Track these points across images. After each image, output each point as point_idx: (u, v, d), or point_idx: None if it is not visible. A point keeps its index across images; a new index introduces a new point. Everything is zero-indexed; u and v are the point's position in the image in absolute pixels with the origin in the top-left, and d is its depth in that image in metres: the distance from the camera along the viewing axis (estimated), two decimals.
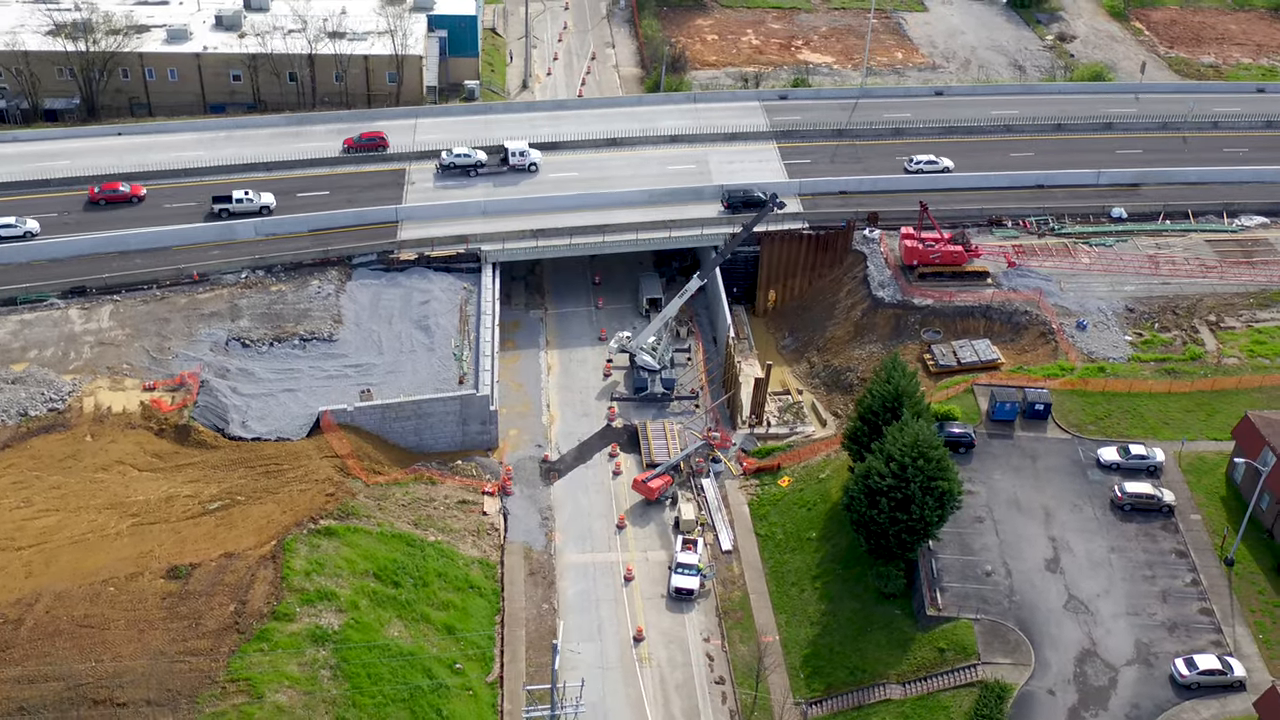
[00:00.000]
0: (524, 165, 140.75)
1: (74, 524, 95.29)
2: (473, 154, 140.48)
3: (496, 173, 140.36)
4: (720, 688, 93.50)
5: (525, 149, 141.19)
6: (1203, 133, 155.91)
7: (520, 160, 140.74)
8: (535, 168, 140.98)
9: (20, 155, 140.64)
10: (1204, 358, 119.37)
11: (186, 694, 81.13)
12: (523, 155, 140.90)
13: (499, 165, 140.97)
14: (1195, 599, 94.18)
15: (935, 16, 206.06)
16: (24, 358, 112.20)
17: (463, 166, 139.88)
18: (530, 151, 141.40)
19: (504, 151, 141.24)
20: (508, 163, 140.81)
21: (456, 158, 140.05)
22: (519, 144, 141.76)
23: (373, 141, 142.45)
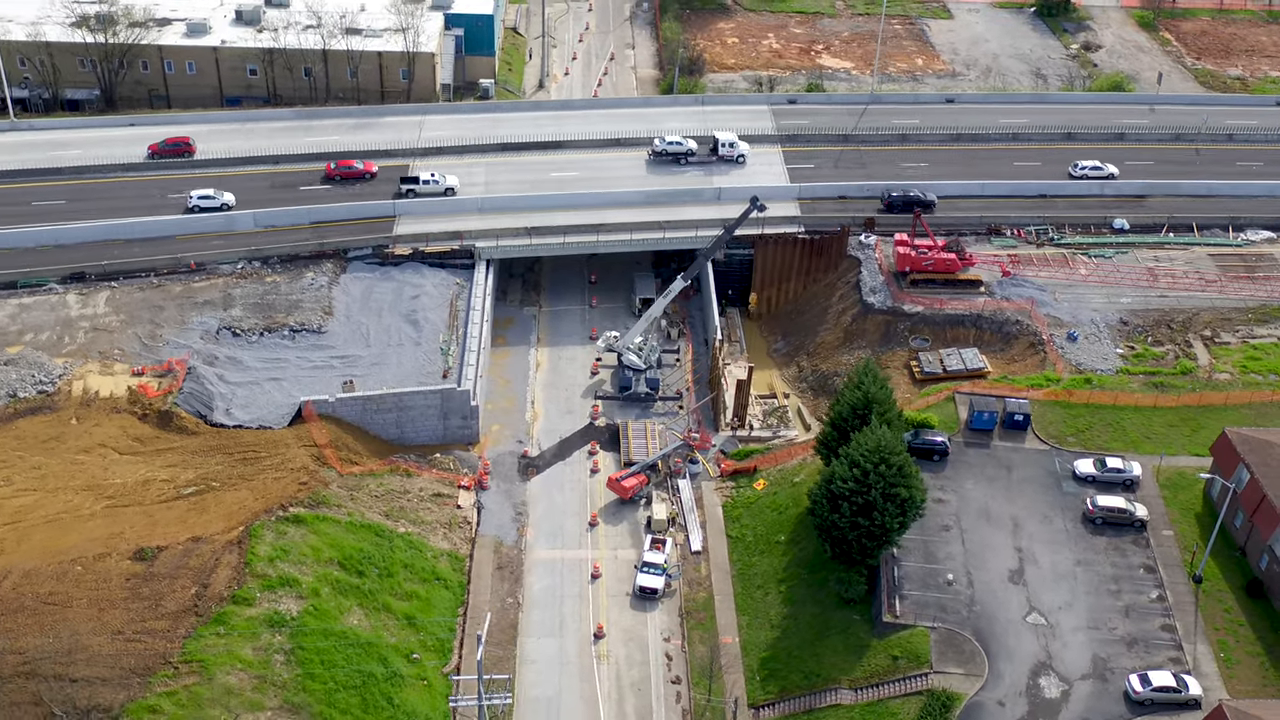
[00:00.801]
0: (732, 156, 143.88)
1: (50, 504, 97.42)
2: (684, 142, 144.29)
3: (705, 162, 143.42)
4: (676, 687, 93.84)
5: (734, 140, 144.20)
6: (1217, 145, 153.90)
7: (729, 151, 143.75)
8: (743, 159, 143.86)
9: (34, 144, 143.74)
10: (1195, 372, 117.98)
11: (140, 672, 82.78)
12: (732, 147, 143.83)
13: (709, 155, 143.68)
14: (1159, 615, 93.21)
15: (960, 24, 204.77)
16: (19, 340, 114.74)
17: (674, 154, 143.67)
18: (739, 144, 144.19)
19: (714, 142, 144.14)
20: (717, 153, 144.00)
21: (669, 145, 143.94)
22: (728, 135, 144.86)
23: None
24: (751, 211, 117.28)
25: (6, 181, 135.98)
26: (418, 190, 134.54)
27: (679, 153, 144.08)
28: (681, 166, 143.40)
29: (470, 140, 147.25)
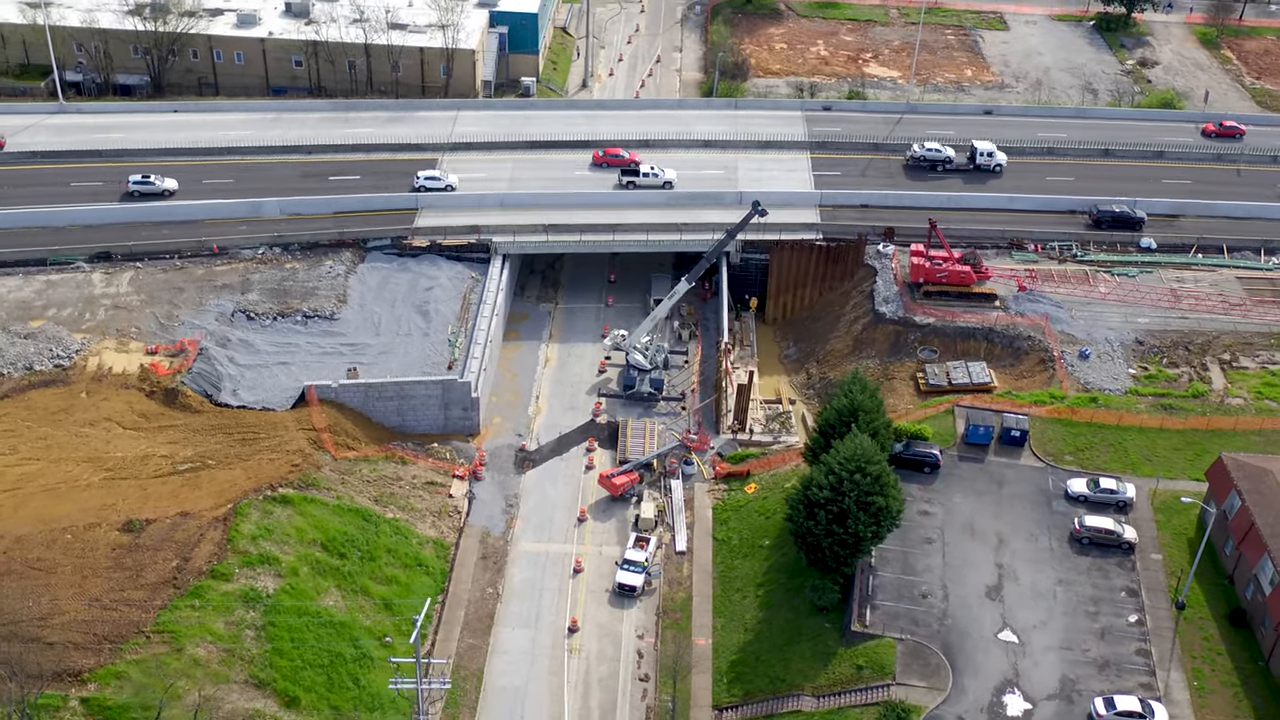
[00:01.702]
0: (990, 166, 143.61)
1: (51, 473, 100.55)
2: (942, 149, 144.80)
3: (963, 170, 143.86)
4: (643, 685, 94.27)
5: (993, 150, 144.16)
6: (1259, 167, 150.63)
7: (987, 161, 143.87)
8: (1000, 169, 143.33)
9: (80, 126, 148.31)
10: (1207, 396, 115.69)
11: (112, 640, 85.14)
12: (990, 156, 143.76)
13: (966, 163, 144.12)
14: (1135, 639, 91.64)
15: (1015, 36, 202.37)
16: (43, 315, 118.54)
17: (931, 161, 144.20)
18: (997, 153, 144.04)
19: (972, 151, 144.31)
20: (974, 162, 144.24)
21: (927, 151, 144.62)
22: (987, 145, 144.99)
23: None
24: (753, 216, 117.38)
25: (50, 162, 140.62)
26: (637, 182, 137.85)
27: (936, 160, 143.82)
28: (938, 174, 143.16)
29: (500, 137, 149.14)
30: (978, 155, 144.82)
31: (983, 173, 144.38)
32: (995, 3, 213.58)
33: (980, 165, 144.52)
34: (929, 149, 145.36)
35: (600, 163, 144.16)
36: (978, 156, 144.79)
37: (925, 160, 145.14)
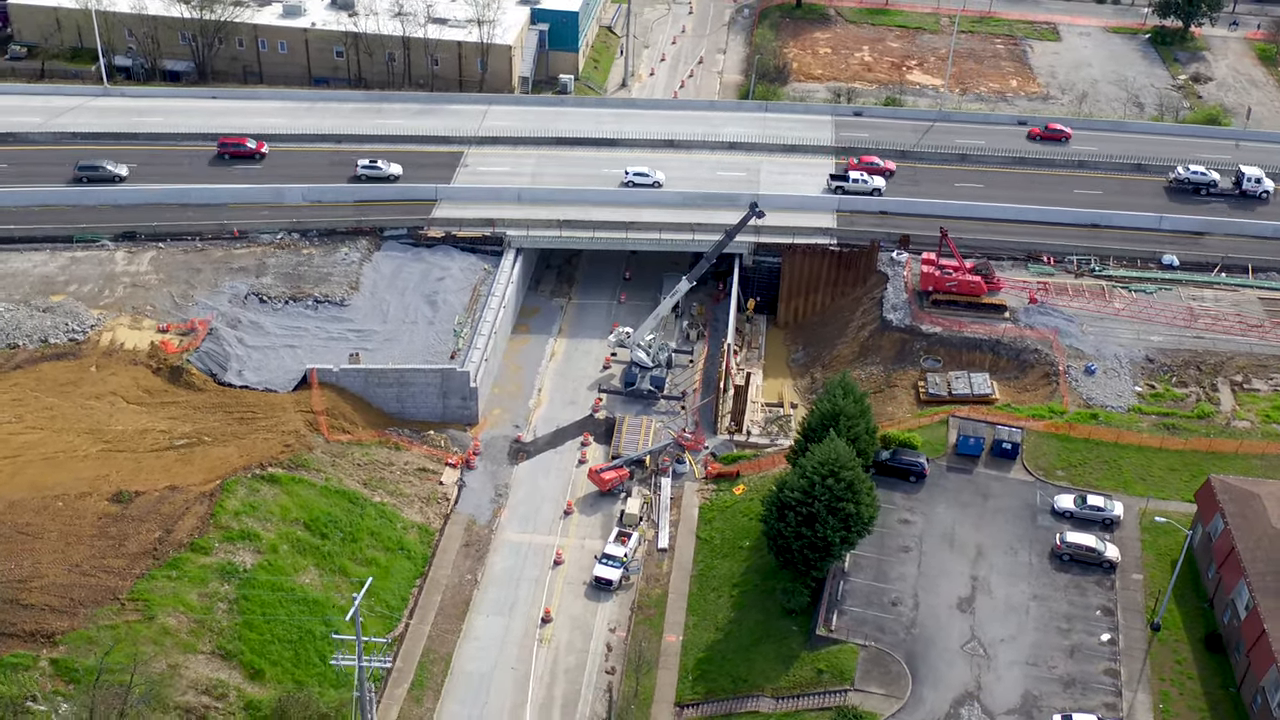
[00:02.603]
0: (1256, 192, 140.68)
1: (52, 443, 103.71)
2: (1207, 174, 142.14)
3: (1228, 195, 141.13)
4: (609, 677, 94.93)
5: (1261, 176, 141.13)
6: None
7: (1254, 187, 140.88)
8: (1268, 195, 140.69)
9: (122, 109, 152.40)
10: (1213, 417, 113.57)
11: (87, 605, 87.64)
12: (1258, 182, 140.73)
13: (1232, 188, 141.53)
14: (1104, 658, 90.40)
15: (1066, 47, 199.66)
16: (64, 290, 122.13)
17: (1196, 184, 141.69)
18: (1265, 180, 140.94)
19: (1238, 175, 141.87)
20: (1240, 187, 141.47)
21: (1191, 174, 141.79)
22: (1255, 170, 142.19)
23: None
24: (750, 218, 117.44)
25: (87, 143, 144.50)
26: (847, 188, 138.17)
27: (1201, 183, 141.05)
28: (1202, 198, 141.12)
29: (527, 132, 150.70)
30: (1244, 180, 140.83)
31: (1249, 199, 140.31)
32: (1049, 13, 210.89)
33: (1247, 191, 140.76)
34: (1194, 171, 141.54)
35: None
36: (1244, 182, 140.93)
37: (1189, 183, 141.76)
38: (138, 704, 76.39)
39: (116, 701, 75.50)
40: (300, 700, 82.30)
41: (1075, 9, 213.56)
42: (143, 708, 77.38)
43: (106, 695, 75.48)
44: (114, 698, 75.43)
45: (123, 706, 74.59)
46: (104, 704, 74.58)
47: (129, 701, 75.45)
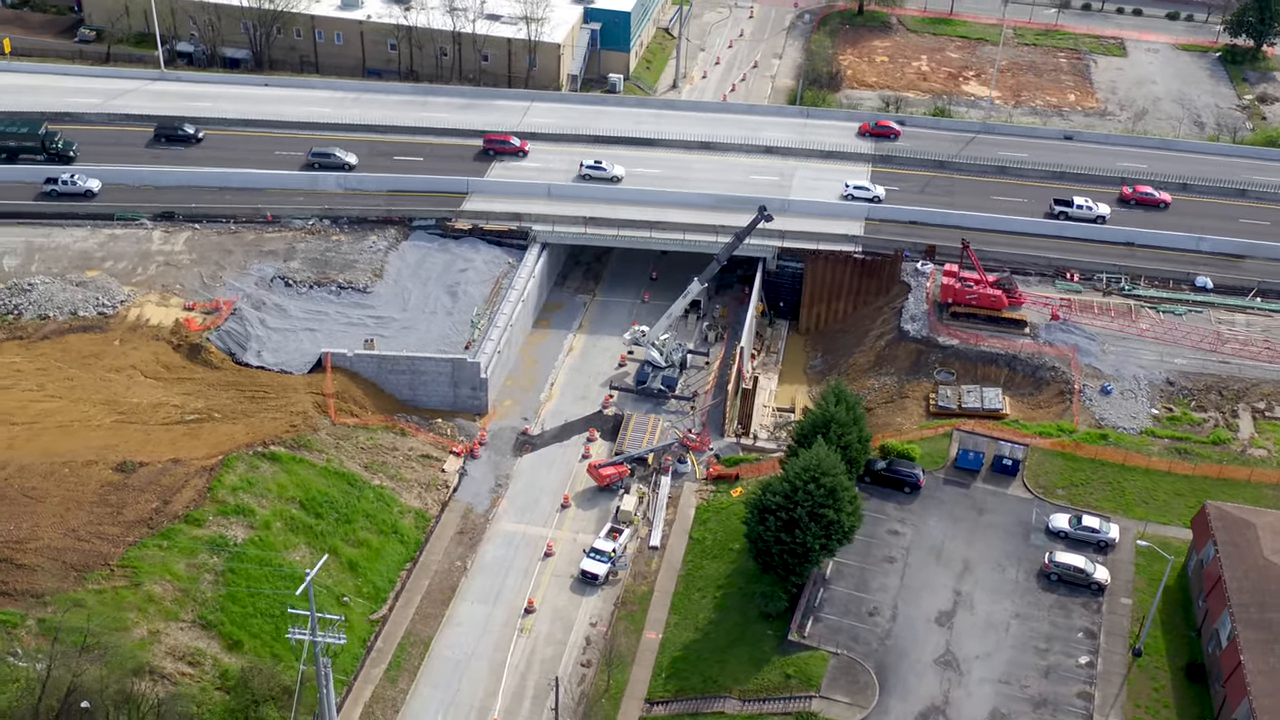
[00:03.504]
0: None
1: (68, 412, 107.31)
2: None
3: None
4: (584, 670, 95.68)
5: None
6: None
7: None
8: None
9: (176, 93, 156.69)
10: (1229, 444, 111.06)
11: (78, 569, 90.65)
12: None
13: None
14: (1080, 681, 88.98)
15: (1131, 63, 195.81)
16: (100, 266, 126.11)
17: None
18: None
19: None
20: None
21: None
22: None
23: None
24: (759, 221, 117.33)
25: (138, 124, 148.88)
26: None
27: None
28: None
29: (567, 129, 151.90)
30: None
31: None
32: (1119, 29, 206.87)
33: None
34: None
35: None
36: None
37: None
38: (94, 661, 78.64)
39: (79, 662, 77.86)
40: (265, 672, 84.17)
41: (1146, 25, 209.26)
42: (109, 668, 79.70)
43: (66, 652, 77.89)
44: (68, 656, 77.77)
45: (77, 665, 76.83)
46: (62, 662, 76.98)
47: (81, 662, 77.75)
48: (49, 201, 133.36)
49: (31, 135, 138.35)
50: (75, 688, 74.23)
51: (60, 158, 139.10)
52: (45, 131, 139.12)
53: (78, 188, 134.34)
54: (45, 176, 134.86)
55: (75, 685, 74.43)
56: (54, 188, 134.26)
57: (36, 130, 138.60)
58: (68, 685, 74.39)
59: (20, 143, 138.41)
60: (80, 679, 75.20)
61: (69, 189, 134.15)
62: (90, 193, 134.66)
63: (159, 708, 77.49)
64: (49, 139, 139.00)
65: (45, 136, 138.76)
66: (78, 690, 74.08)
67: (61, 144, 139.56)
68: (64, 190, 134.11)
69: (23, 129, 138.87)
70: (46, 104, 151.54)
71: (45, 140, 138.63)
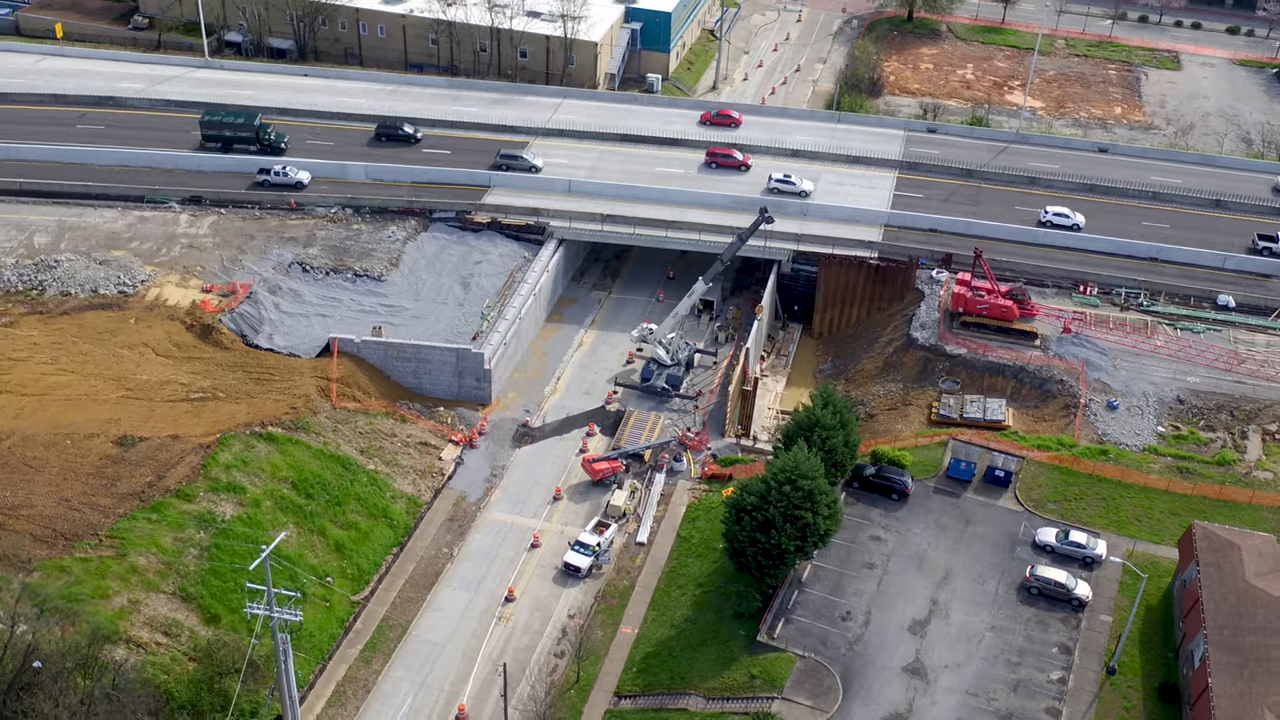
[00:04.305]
0: None
1: (77, 385, 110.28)
2: None
3: None
4: (557, 661, 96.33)
5: None
6: None
7: None
8: None
9: (217, 81, 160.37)
10: (1233, 465, 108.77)
11: (67, 537, 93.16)
12: None
13: None
14: (1049, 697, 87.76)
15: (1185, 77, 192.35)
16: (126, 246, 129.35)
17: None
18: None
19: None
20: None
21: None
22: None
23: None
24: (760, 223, 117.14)
25: (176, 110, 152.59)
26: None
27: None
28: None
29: (595, 127, 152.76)
30: None
31: None
32: (1174, 42, 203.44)
33: None
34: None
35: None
36: None
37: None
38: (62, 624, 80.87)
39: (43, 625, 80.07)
40: (230, 645, 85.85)
41: (1204, 38, 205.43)
42: (79, 634, 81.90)
43: (29, 615, 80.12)
44: (33, 620, 79.96)
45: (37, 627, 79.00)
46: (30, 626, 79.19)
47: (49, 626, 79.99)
48: (261, 191, 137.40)
49: (246, 126, 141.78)
50: (34, 649, 76.26)
51: (271, 149, 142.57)
52: (259, 124, 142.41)
53: (289, 179, 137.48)
54: (258, 167, 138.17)
55: (34, 647, 76.45)
56: (266, 178, 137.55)
57: (251, 122, 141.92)
58: (28, 647, 76.46)
59: (235, 133, 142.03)
60: (37, 641, 77.26)
61: (280, 180, 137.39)
62: (300, 184, 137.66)
63: (115, 671, 79.32)
64: (262, 131, 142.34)
65: (259, 129, 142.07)
66: (35, 652, 76.13)
67: (274, 136, 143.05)
68: (275, 181, 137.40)
69: (238, 120, 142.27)
70: (94, 88, 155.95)
71: (259, 132, 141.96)
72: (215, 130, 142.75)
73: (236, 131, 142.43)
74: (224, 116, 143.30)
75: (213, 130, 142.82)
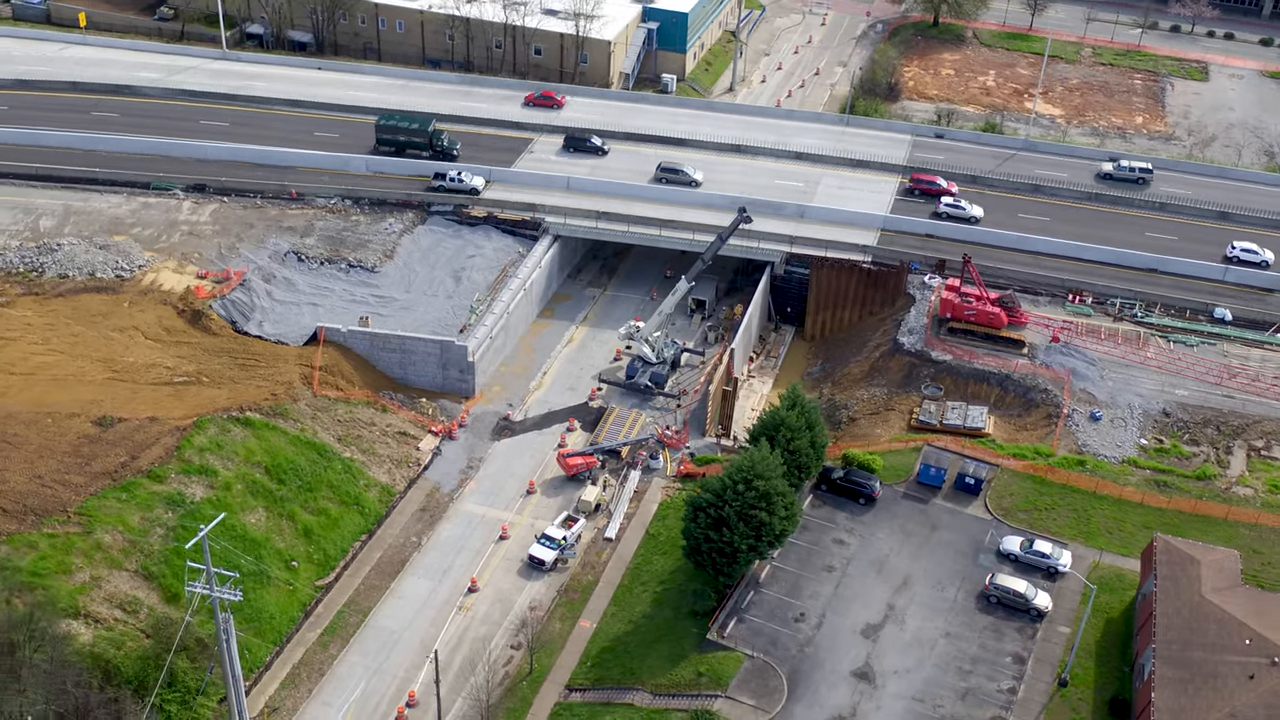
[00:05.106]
0: None
1: (65, 366, 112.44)
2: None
3: None
4: (513, 652, 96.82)
5: None
6: None
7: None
8: None
9: (233, 72, 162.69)
10: (1214, 480, 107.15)
11: (37, 513, 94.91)
12: None
13: None
14: (997, 706, 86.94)
15: (1212, 88, 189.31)
16: (128, 231, 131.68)
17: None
18: None
19: None
20: None
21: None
22: None
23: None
24: (739, 222, 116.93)
25: (191, 100, 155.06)
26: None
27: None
28: None
29: (600, 125, 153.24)
30: None
31: None
32: (1204, 52, 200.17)
33: None
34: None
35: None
36: None
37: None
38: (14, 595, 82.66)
39: None
40: (180, 623, 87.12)
41: (1235, 49, 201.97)
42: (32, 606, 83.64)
43: None
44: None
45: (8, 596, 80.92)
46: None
47: None
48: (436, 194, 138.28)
49: (421, 132, 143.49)
50: None
51: (444, 155, 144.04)
52: (433, 130, 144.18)
53: (464, 184, 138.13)
54: (434, 172, 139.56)
55: None
56: (441, 183, 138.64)
57: (426, 128, 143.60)
58: None
59: (410, 138, 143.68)
60: None
61: (455, 185, 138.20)
62: (475, 190, 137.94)
63: (54, 644, 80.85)
64: (436, 137, 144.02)
65: (433, 134, 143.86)
66: None
67: (446, 142, 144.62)
68: (450, 186, 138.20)
69: (413, 125, 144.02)
70: (113, 76, 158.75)
71: (432, 138, 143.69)
72: (390, 134, 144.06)
73: (411, 137, 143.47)
74: (399, 121, 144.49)
75: (387, 134, 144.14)
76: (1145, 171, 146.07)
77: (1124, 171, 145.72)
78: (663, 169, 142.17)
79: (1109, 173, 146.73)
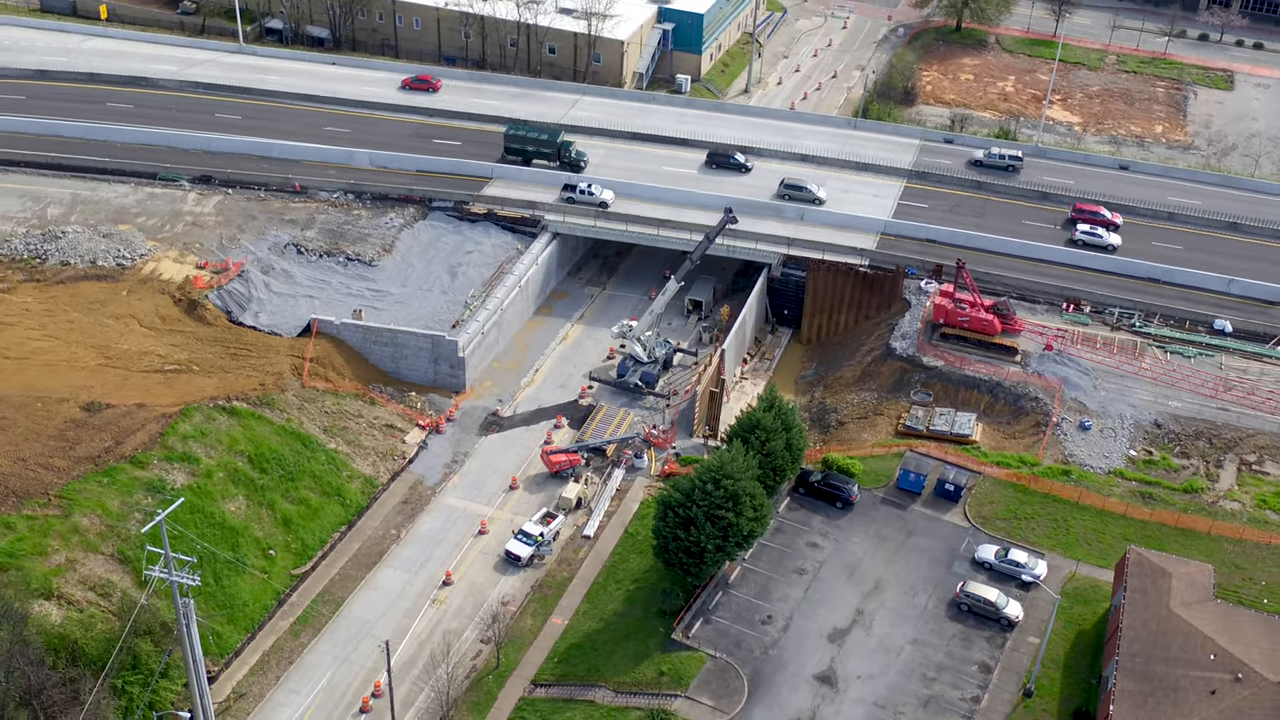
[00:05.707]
0: None
1: (60, 351, 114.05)
2: None
3: None
4: (482, 646, 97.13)
5: None
6: None
7: None
8: None
9: (248, 66, 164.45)
10: (1201, 493, 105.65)
11: (18, 494, 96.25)
12: None
13: None
14: (959, 715, 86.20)
15: (1236, 97, 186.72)
16: (132, 221, 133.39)
17: None
18: None
19: None
20: None
21: None
22: None
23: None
24: (726, 223, 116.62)
25: (205, 93, 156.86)
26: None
27: None
28: None
29: (608, 125, 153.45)
30: None
31: None
32: (1231, 61, 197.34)
33: None
34: None
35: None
36: None
37: None
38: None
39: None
40: (145, 607, 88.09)
41: (1263, 59, 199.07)
42: None
43: None
44: None
45: None
46: None
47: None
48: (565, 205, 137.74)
49: (549, 144, 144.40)
50: None
51: (571, 166, 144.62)
52: (562, 141, 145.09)
53: (594, 197, 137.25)
54: (564, 184, 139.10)
55: None
56: (571, 195, 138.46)
57: (554, 139, 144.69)
58: None
59: (538, 149, 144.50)
60: None
61: (585, 198, 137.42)
62: (604, 204, 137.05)
63: (13, 623, 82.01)
64: (563, 148, 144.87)
65: (561, 146, 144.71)
66: None
67: (575, 154, 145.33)
68: (580, 199, 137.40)
69: (543, 136, 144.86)
70: (130, 68, 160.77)
71: (560, 149, 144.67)
72: (519, 144, 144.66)
73: (539, 147, 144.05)
74: (528, 131, 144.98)
75: (516, 144, 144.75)
76: (1015, 159, 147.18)
77: (994, 159, 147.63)
78: (786, 185, 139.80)
79: (980, 160, 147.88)
